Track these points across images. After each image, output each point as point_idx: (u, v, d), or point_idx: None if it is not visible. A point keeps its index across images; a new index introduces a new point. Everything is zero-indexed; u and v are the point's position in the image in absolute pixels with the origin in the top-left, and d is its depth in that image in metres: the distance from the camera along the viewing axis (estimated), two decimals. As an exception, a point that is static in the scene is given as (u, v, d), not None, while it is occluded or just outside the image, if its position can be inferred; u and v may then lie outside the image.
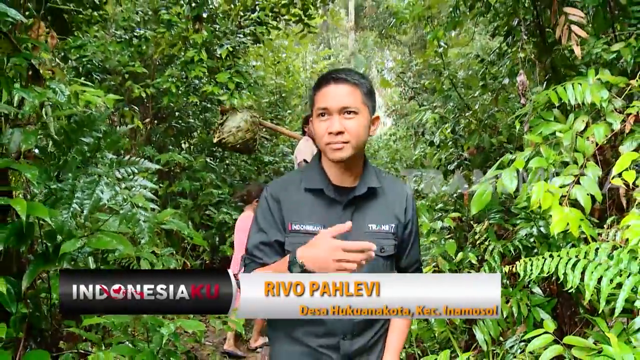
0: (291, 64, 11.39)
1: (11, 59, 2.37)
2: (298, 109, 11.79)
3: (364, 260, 1.54)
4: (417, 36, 14.79)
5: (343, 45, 21.75)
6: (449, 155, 6.42)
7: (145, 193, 1.89)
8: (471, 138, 5.50)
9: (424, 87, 9.12)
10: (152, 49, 7.22)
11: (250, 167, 9.21)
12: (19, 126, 2.09)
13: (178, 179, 7.80)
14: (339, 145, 1.77)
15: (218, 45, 6.69)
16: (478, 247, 4.36)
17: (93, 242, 1.87)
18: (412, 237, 1.98)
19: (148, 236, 1.82)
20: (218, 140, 6.66)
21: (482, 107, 5.94)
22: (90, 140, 2.02)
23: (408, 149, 12.85)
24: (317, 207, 1.88)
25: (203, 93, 7.12)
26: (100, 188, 1.85)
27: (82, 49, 6.05)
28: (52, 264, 1.90)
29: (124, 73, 6.87)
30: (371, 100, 1.85)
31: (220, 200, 7.83)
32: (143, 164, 1.95)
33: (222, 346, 5.54)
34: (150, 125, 8.01)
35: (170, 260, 3.42)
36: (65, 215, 1.80)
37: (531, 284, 3.35)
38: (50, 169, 1.97)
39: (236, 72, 6.41)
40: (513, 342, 3.37)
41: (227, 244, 7.18)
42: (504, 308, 3.31)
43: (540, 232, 3.19)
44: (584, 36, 3.21)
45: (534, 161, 2.80)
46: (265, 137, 9.06)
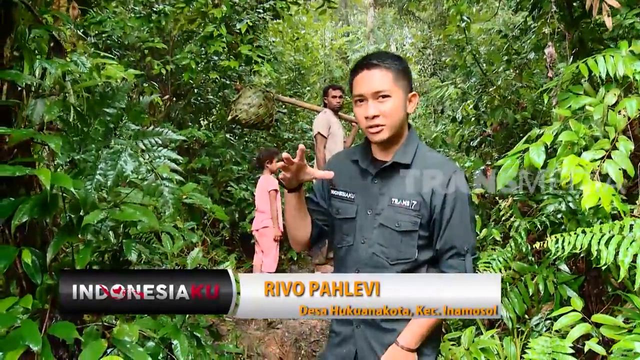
0: (310, 41, 11.27)
1: (33, 31, 2.34)
2: (317, 86, 11.70)
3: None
4: (436, 13, 14.57)
5: (362, 22, 21.49)
6: (471, 132, 6.33)
7: (170, 164, 1.86)
8: (494, 114, 5.41)
9: (444, 64, 9.00)
10: (171, 24, 7.16)
11: (270, 143, 9.17)
12: (42, 97, 2.06)
13: (197, 156, 7.79)
14: (376, 129, 1.90)
15: (237, 20, 6.60)
16: (502, 224, 4.31)
17: (117, 214, 1.85)
18: (446, 220, 1.92)
19: (173, 208, 1.79)
20: (232, 117, 6.67)
21: (506, 83, 5.83)
22: (113, 112, 1.99)
23: (427, 127, 12.74)
24: (353, 177, 2.05)
25: (222, 69, 7.07)
26: (124, 159, 1.82)
27: (101, 25, 6.01)
28: (75, 235, 1.89)
29: (144, 49, 6.82)
30: (405, 79, 1.94)
31: (239, 176, 7.82)
32: (167, 134, 1.92)
33: (243, 323, 5.58)
34: (169, 102, 7.98)
35: (192, 234, 3.40)
36: (89, 186, 1.77)
37: (558, 261, 3.29)
38: (73, 140, 1.94)
39: (257, 46, 6.34)
40: (538, 320, 3.33)
41: (247, 220, 7.17)
42: (530, 285, 3.26)
43: (569, 207, 3.12)
44: (616, 6, 3.10)
45: (563, 135, 2.73)
46: (282, 111, 8.98)
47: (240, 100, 6.65)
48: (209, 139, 7.63)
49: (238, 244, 7.64)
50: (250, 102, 6.58)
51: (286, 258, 7.48)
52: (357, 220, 2.02)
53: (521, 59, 5.70)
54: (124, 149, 1.87)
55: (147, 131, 1.94)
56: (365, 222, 1.99)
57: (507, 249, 3.35)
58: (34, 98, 2.05)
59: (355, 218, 2.02)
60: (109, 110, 2.00)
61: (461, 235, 1.92)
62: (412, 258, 1.91)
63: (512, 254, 3.31)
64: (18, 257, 1.86)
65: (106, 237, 2.66)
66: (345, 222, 2.05)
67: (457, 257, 1.92)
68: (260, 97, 6.64)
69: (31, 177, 2.14)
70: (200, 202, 2.87)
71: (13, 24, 2.29)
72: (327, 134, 6.10)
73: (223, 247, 7.16)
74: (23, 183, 2.23)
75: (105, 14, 6.03)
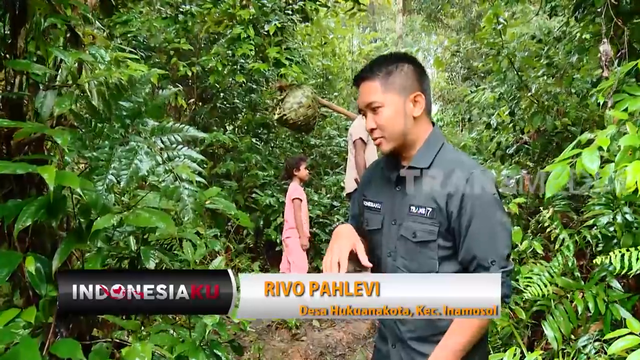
0: (337, 47, 11.11)
1: (48, 19, 2.19)
2: (344, 93, 11.53)
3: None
4: (465, 20, 14.33)
5: (389, 29, 21.32)
6: (506, 139, 6.08)
7: (191, 164, 1.66)
8: (533, 120, 5.14)
9: (476, 69, 8.74)
10: (198, 27, 7.04)
11: (296, 149, 9.00)
12: (54, 89, 1.89)
13: (222, 161, 7.64)
14: (377, 142, 1.85)
15: (266, 22, 6.44)
16: (541, 236, 4.06)
17: (130, 219, 1.66)
18: (465, 227, 1.73)
19: (193, 213, 1.60)
20: (279, 117, 6.45)
21: (545, 87, 5.55)
22: (130, 106, 1.80)
23: (455, 135, 12.51)
24: (380, 185, 1.96)
25: (249, 72, 6.91)
26: (140, 157, 1.63)
27: (127, 25, 5.90)
28: (84, 242, 1.70)
29: (169, 50, 6.70)
30: (402, 79, 1.81)
31: (265, 182, 7.65)
32: (188, 131, 1.73)
33: (267, 333, 5.40)
34: (194, 106, 7.85)
35: (214, 242, 3.23)
36: (100, 187, 1.58)
37: (608, 277, 3.04)
38: (86, 136, 1.76)
39: (285, 48, 6.17)
40: (586, 341, 3.07)
41: (272, 227, 6.99)
42: (579, 303, 3.00)
43: (625, 219, 2.86)
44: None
45: (624, 139, 2.46)
46: (324, 114, 8.79)
47: (288, 99, 6.44)
48: (234, 144, 7.47)
49: (262, 252, 7.46)
50: (300, 101, 6.37)
51: (311, 267, 7.28)
52: (383, 232, 1.91)
53: (562, 63, 5.43)
54: (141, 146, 1.68)
55: (166, 127, 1.75)
56: (389, 233, 1.89)
57: (554, 264, 3.10)
58: (44, 90, 1.87)
59: (381, 229, 1.92)
60: (126, 104, 1.81)
61: (484, 244, 1.72)
62: (432, 271, 1.77)
63: (559, 268, 3.06)
64: (23, 264, 1.68)
65: (127, 243, 2.50)
66: (373, 234, 1.95)
67: (481, 269, 1.72)
68: (309, 98, 6.45)
69: (42, 178, 1.96)
70: (224, 208, 2.69)
71: (28, 13, 2.14)
72: (367, 140, 5.88)
73: (247, 255, 7.00)
74: (34, 184, 2.06)
75: (131, 13, 5.91)
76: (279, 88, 6.77)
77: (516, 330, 3.39)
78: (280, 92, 6.74)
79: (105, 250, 1.83)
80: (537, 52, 6.31)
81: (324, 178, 8.70)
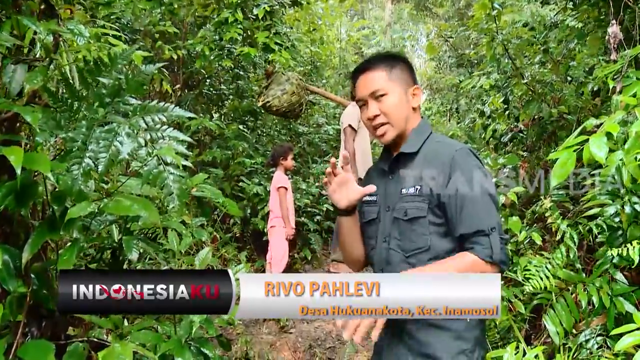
0: (325, 34, 10.94)
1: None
2: (332, 81, 11.37)
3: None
4: (454, 9, 14.18)
5: (377, 18, 21.13)
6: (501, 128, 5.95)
7: (177, 147, 1.50)
8: (529, 108, 5.01)
9: (469, 56, 8.61)
10: (184, 10, 6.82)
11: (284, 137, 8.83)
12: (24, 63, 1.71)
13: (208, 148, 7.45)
14: (381, 131, 1.91)
15: (254, 6, 6.24)
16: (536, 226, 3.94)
17: (110, 207, 1.50)
18: (458, 200, 1.77)
19: (179, 201, 1.45)
20: (262, 103, 6.33)
21: (541, 75, 5.41)
22: (110, 82, 1.64)
23: (442, 124, 12.42)
24: (375, 179, 2.02)
25: (237, 57, 6.71)
26: (120, 139, 1.47)
27: (110, 6, 5.68)
28: (57, 232, 1.54)
29: (154, 33, 6.48)
30: (403, 75, 1.94)
31: (252, 170, 7.48)
32: (173, 110, 1.56)
33: (254, 326, 5.28)
34: (180, 92, 7.64)
35: (201, 232, 3.08)
36: (76, 171, 1.42)
37: (612, 270, 2.92)
38: (61, 115, 1.59)
39: (275, 33, 5.99)
40: (589, 336, 2.96)
41: (259, 216, 6.84)
42: (582, 296, 2.88)
43: (634, 210, 2.73)
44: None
45: (636, 125, 2.34)
46: (312, 101, 8.64)
47: (272, 85, 6.33)
48: (220, 131, 7.28)
49: (249, 241, 7.31)
50: (284, 88, 6.26)
51: (299, 257, 7.14)
52: (379, 221, 1.97)
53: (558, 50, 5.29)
54: (122, 127, 1.52)
55: (149, 106, 1.58)
56: (385, 220, 1.94)
57: (557, 255, 2.97)
58: (13, 64, 1.69)
59: (377, 219, 1.98)
60: (105, 80, 1.65)
61: (482, 212, 1.76)
62: (425, 247, 1.81)
63: (562, 260, 2.94)
64: (-10, 257, 1.51)
65: (109, 232, 2.34)
66: (370, 225, 2.01)
67: (481, 237, 1.74)
68: (294, 85, 6.32)
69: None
70: (211, 196, 2.54)
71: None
72: (357, 127, 5.77)
73: (233, 245, 6.83)
74: (6, 168, 1.89)
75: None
76: (266, 74, 6.64)
77: (514, 324, 3.28)
78: (267, 78, 6.61)
79: (82, 241, 1.67)
80: (529, 39, 6.17)
81: (311, 166, 8.55)
